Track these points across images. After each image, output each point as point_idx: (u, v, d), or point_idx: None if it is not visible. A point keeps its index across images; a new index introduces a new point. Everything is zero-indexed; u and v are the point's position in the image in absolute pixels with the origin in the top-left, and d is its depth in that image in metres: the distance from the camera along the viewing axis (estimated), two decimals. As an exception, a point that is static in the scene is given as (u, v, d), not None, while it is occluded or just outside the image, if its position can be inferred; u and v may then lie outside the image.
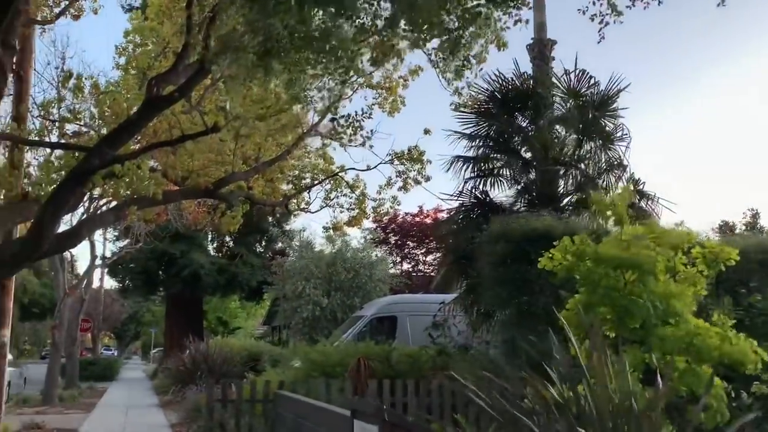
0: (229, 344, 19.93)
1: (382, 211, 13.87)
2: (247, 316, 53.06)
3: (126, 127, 7.89)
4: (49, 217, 7.79)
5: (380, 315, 15.07)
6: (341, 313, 19.68)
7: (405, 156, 13.00)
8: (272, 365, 18.44)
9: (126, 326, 65.96)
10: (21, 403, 16.53)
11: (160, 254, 28.47)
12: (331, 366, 9.42)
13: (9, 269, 7.96)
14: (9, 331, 11.55)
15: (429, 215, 28.55)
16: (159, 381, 21.99)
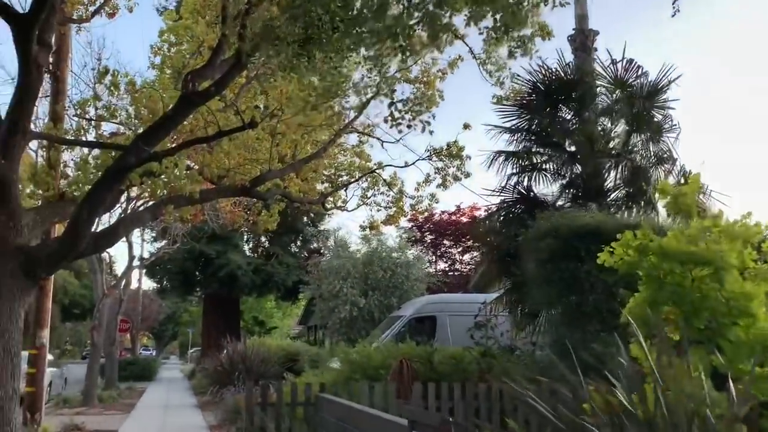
0: (266, 344, 19.82)
1: (420, 209, 13.54)
2: (282, 315, 53.18)
3: (162, 123, 7.72)
4: (85, 216, 7.66)
5: (419, 315, 14.74)
6: (378, 313, 19.39)
7: (444, 152, 12.67)
8: (311, 366, 18.30)
9: (164, 326, 66.75)
10: (61, 403, 16.59)
11: (197, 255, 28.56)
12: (373, 368, 9.13)
13: (46, 269, 7.83)
14: (48, 331, 11.55)
15: (466, 213, 28.10)
16: (197, 381, 22.00)
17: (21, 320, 7.94)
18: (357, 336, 19.51)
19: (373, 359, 9.25)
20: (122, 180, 7.73)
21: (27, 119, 8.08)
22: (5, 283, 7.76)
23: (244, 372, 16.57)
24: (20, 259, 7.83)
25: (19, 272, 7.85)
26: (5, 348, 7.74)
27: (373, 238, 20.99)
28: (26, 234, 8.15)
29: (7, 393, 7.69)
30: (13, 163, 8.04)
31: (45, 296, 11.57)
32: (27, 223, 8.15)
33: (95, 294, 18.28)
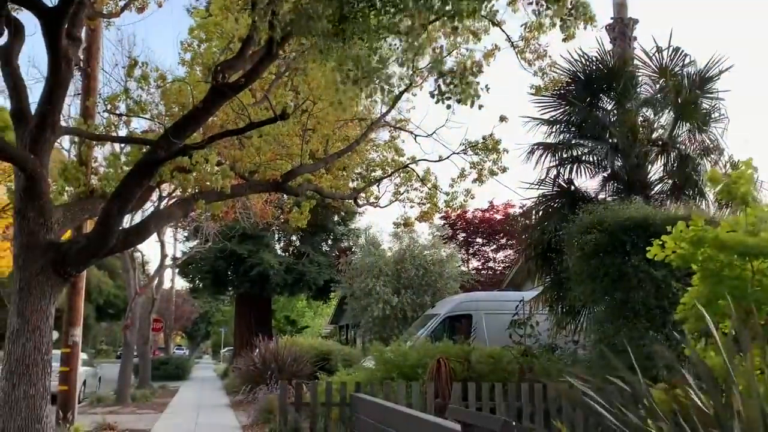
0: (298, 343, 19.63)
1: (454, 205, 13.17)
2: (314, 315, 53.15)
3: (192, 116, 7.53)
4: (115, 211, 7.50)
5: (454, 313, 14.39)
6: (411, 311, 19.08)
7: (479, 146, 12.32)
8: (344, 365, 18.06)
9: (197, 326, 67.32)
10: (95, 402, 16.62)
11: (229, 254, 28.55)
12: (409, 367, 8.84)
13: (76, 266, 7.69)
14: (80, 330, 11.48)
15: (499, 210, 27.66)
16: (229, 381, 21.93)
17: (52, 318, 7.82)
18: (389, 334, 19.23)
19: (409, 358, 8.95)
20: (152, 174, 7.56)
21: (56, 114, 7.97)
22: (35, 280, 7.64)
23: (276, 371, 16.40)
24: (50, 255, 7.72)
25: (50, 269, 7.73)
26: (36, 346, 7.62)
27: (405, 236, 20.70)
28: (56, 230, 8.03)
29: (38, 391, 7.57)
30: (43, 159, 7.93)
31: (77, 294, 11.51)
32: (57, 220, 8.03)
33: (128, 293, 18.27)
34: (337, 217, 32.01)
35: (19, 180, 7.88)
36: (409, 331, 15.80)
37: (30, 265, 7.62)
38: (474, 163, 12.58)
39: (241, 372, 17.92)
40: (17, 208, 7.80)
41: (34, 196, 7.65)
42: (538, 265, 10.99)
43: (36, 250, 7.66)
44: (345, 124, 12.29)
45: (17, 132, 8.16)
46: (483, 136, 12.29)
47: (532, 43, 9.79)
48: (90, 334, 72.51)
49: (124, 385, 16.91)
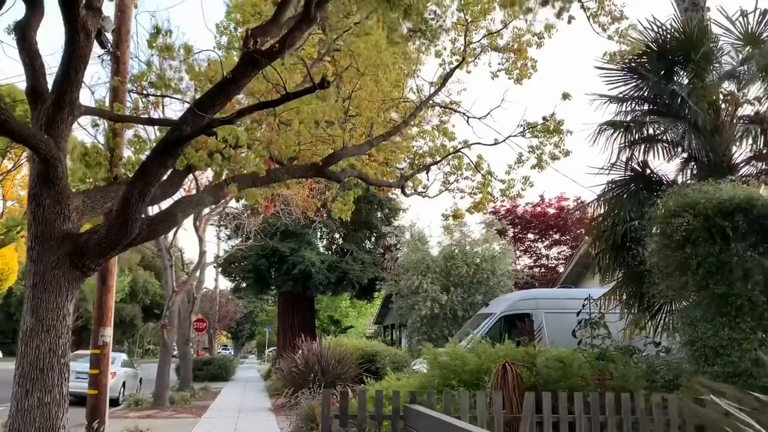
0: (342, 344, 18.73)
1: (511, 193, 12.06)
2: (357, 314, 52.38)
3: (220, 88, 6.66)
4: (136, 196, 6.67)
5: (511, 312, 13.26)
6: (461, 310, 18.00)
7: (539, 127, 11.21)
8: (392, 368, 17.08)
9: (241, 326, 67.26)
10: (133, 405, 15.97)
11: (271, 252, 27.88)
12: (468, 372, 7.79)
13: (95, 259, 6.89)
14: (111, 330, 10.76)
15: (551, 204, 26.28)
16: (272, 382, 21.17)
17: (69, 317, 7.05)
18: (438, 335, 18.20)
19: (469, 362, 7.90)
20: (177, 154, 6.71)
21: (75, 92, 7.18)
22: (51, 274, 6.87)
23: (319, 373, 15.52)
24: (67, 247, 6.94)
25: (66, 262, 6.96)
26: (52, 348, 6.85)
27: (454, 230, 19.61)
28: (74, 220, 7.25)
29: (54, 398, 6.80)
30: (60, 140, 7.16)
31: (107, 292, 10.78)
32: (76, 207, 7.25)
33: (165, 291, 17.60)
34: (380, 213, 31.08)
35: (34, 164, 7.14)
36: (461, 332, 14.74)
37: (45, 258, 6.88)
38: (533, 147, 11.51)
39: (284, 374, 17.09)
40: (32, 194, 7.06)
41: (50, 182, 6.89)
42: (609, 259, 9.81)
43: (51, 241, 6.91)
44: (388, 108, 11.33)
45: (33, 114, 7.44)
46: (543, 116, 11.21)
47: (607, 4, 8.70)
48: (136, 334, 73.42)
49: (162, 388, 16.19)
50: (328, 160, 8.67)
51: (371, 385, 10.12)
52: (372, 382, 10.57)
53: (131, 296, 62.01)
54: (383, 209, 30.90)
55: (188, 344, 21.51)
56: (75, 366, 15.97)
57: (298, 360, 16.51)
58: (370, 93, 9.85)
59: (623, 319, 9.55)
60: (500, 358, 7.94)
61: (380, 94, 9.95)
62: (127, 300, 61.12)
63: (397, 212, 31.52)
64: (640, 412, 6.22)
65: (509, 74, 11.67)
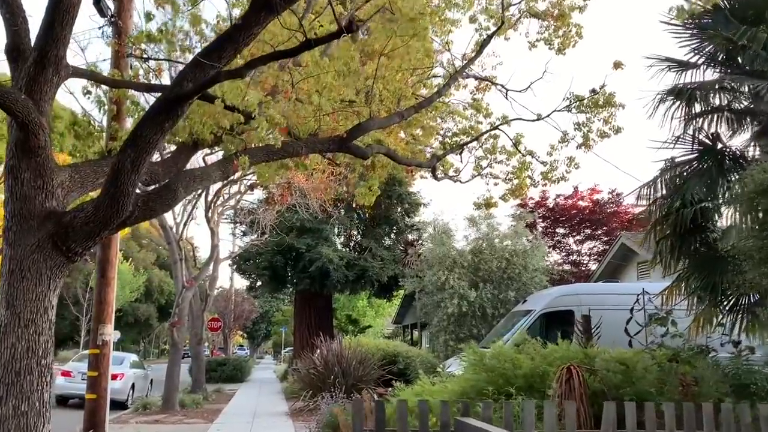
0: (363, 344, 17.59)
1: (553, 177, 10.84)
2: (375, 314, 51.22)
3: (230, 35, 5.58)
4: (128, 165, 5.59)
5: (551, 309, 12.06)
6: (492, 308, 16.78)
7: (587, 101, 10.00)
8: (424, 370, 15.93)
9: (257, 325, 66.46)
10: (141, 409, 14.90)
11: (286, 249, 26.78)
12: (522, 377, 6.62)
13: (82, 241, 5.83)
14: (112, 327, 9.71)
15: (583, 197, 24.90)
16: (289, 384, 20.06)
17: (52, 310, 5.99)
18: (467, 334, 17.00)
19: (522, 365, 6.74)
20: (176, 115, 5.62)
21: (60, 49, 6.12)
22: (30, 259, 5.81)
23: (340, 375, 14.40)
24: (49, 227, 5.89)
25: (48, 245, 5.90)
26: (30, 347, 5.81)
27: (481, 222, 18.38)
28: (59, 196, 6.19)
29: (33, 406, 5.76)
30: (43, 104, 6.09)
31: (107, 285, 9.73)
32: (61, 183, 6.18)
33: (176, 286, 16.53)
34: (400, 208, 29.88)
35: (11, 131, 6.09)
36: (495, 331, 13.55)
37: (23, 240, 5.84)
38: (579, 123, 10.30)
39: (301, 376, 15.98)
40: (8, 167, 6.00)
41: (30, 152, 5.84)
42: (672, 247, 8.59)
43: (31, 221, 5.87)
44: (417, 83, 10.19)
45: (13, 75, 6.40)
46: (593, 88, 10.00)
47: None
48: (152, 334, 72.75)
49: (172, 390, 15.07)
50: (353, 132, 7.54)
51: (400, 390, 8.97)
52: (401, 386, 9.44)
53: (146, 296, 61.30)
54: (403, 204, 29.70)
55: (201, 344, 20.45)
56: (81, 367, 15.03)
57: (317, 361, 15.40)
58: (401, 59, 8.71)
59: (689, 314, 8.33)
60: (557, 360, 6.78)
61: (411, 60, 8.81)
62: (142, 300, 60.39)
63: (417, 207, 30.32)
64: (745, 427, 5.02)
65: (549, 44, 10.47)
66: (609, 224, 24.32)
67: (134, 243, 63.18)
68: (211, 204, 18.29)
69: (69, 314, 51.12)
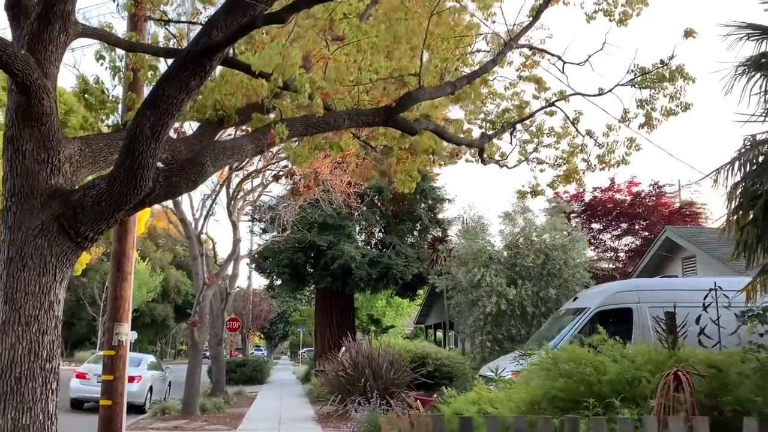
0: (390, 344, 16.60)
1: (611, 160, 9.86)
2: (395, 314, 50.25)
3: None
4: (147, 131, 4.70)
5: (608, 307, 11.03)
6: (531, 306, 15.76)
7: (652, 74, 9.01)
8: (446, 375, 15.03)
9: (274, 326, 65.75)
10: (159, 413, 14.02)
11: (307, 246, 25.89)
12: (608, 383, 5.64)
13: (93, 224, 4.95)
14: (128, 326, 8.82)
15: (622, 190, 23.73)
16: (313, 387, 19.14)
17: (59, 305, 5.16)
18: (504, 335, 16.03)
19: (608, 370, 5.75)
20: (204, 71, 4.71)
21: (68, 4, 5.25)
22: (33, 245, 4.94)
23: (371, 378, 13.47)
24: (55, 208, 5.01)
25: (54, 228, 5.02)
26: (32, 348, 4.97)
27: (518, 216, 17.37)
28: (68, 172, 5.31)
29: (35, 419, 4.93)
30: (48, 65, 5.20)
31: (123, 280, 8.85)
32: (69, 156, 5.28)
33: (195, 284, 15.64)
34: (424, 204, 28.91)
35: (11, 95, 5.21)
36: (542, 331, 12.56)
37: (24, 223, 4.98)
38: (642, 101, 9.30)
39: (329, 378, 15.05)
40: (8, 137, 5.13)
41: (33, 119, 4.97)
42: (759, 234, 7.53)
43: (34, 200, 5.01)
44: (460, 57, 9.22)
45: (14, 35, 5.54)
46: (660, 59, 9.00)
47: None
48: (168, 335, 72.30)
49: (192, 394, 14.17)
50: (402, 101, 6.61)
51: (450, 397, 8.01)
52: (451, 392, 8.46)
53: (163, 296, 60.81)
54: (427, 199, 28.75)
55: (221, 344, 19.59)
56: (96, 368, 14.20)
57: (346, 362, 14.46)
58: (446, 28, 7.77)
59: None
60: (647, 363, 5.79)
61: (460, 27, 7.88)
62: (159, 300, 59.91)
63: (442, 203, 29.35)
64: None
65: (609, 15, 9.48)
66: (650, 218, 23.17)
67: (151, 243, 62.76)
68: (233, 196, 17.43)
69: (86, 314, 50.74)
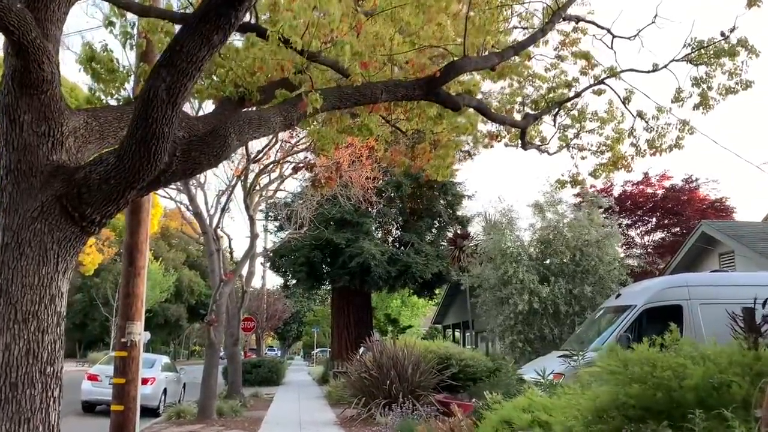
0: (414, 345, 15.85)
1: (662, 145, 9.13)
2: (411, 314, 49.47)
3: None
4: (163, 95, 4.02)
5: (657, 304, 10.25)
6: (565, 305, 14.96)
7: (710, 48, 8.25)
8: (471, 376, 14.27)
9: (288, 326, 65.19)
10: (174, 417, 13.36)
11: (325, 244, 25.19)
12: (691, 390, 4.87)
13: (100, 204, 4.32)
14: (141, 325, 8.16)
15: (654, 185, 22.79)
16: (332, 389, 18.43)
17: (62, 300, 4.50)
18: (536, 335, 15.27)
19: (690, 373, 5.01)
20: (228, 24, 4.00)
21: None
22: (31, 229, 4.31)
23: (397, 380, 12.75)
24: (57, 186, 4.39)
25: (55, 210, 4.40)
26: (31, 349, 4.38)
27: (548, 209, 16.58)
28: (72, 148, 4.67)
29: (35, 431, 4.25)
30: (48, 26, 4.56)
31: (136, 275, 8.20)
32: (74, 130, 4.64)
33: (211, 281, 14.96)
34: (443, 200, 28.15)
35: (7, 58, 4.54)
36: (583, 331, 11.79)
37: (21, 204, 4.36)
38: (698, 78, 8.54)
39: (351, 380, 14.34)
40: (2, 105, 4.47)
41: (31, 86, 4.32)
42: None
43: (32, 178, 4.39)
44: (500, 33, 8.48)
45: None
46: (721, 31, 8.23)
47: None
48: (182, 335, 71.82)
49: (209, 396, 13.49)
50: (446, 72, 5.88)
51: (495, 403, 7.27)
52: (496, 397, 7.71)
53: (176, 296, 60.38)
54: (446, 195, 27.98)
55: (237, 345, 18.91)
56: (108, 370, 13.57)
57: (369, 363, 13.74)
58: None
59: None
60: (731, 366, 5.03)
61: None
62: (173, 300, 59.47)
63: (460, 199, 28.56)
64: None
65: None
66: (684, 212, 22.27)
67: (164, 243, 62.36)
68: (250, 190, 16.75)
69: (99, 315, 50.31)
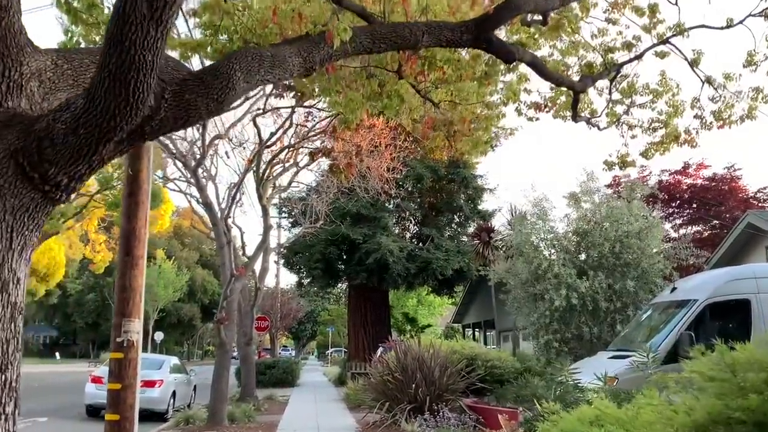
0: (438, 345, 14.78)
1: (731, 116, 8.05)
2: (428, 313, 48.36)
3: None
4: (144, 10, 2.97)
5: (722, 298, 9.15)
6: (605, 301, 13.82)
7: (794, 1, 7.13)
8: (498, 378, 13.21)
9: (302, 326, 64.30)
10: (183, 423, 12.37)
11: (341, 239, 24.15)
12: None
13: (67, 162, 3.33)
14: (140, 323, 7.14)
15: (691, 175, 21.53)
16: (351, 392, 17.38)
17: (19, 286, 3.50)
18: (574, 334, 14.14)
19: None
20: None
21: None
22: (-19, 194, 3.28)
23: (423, 384, 11.69)
24: (12, 140, 3.37)
25: (9, 171, 3.38)
26: (-18, 350, 3.26)
27: (584, 199, 15.44)
28: (34, 93, 3.63)
29: None
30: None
31: (134, 266, 7.20)
32: (38, 72, 3.58)
33: (222, 276, 13.93)
34: (464, 194, 27.03)
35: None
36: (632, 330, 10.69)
37: (-31, 164, 3.31)
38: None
39: (373, 383, 13.28)
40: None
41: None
42: None
43: (-19, 129, 3.35)
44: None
45: None
46: (808, -21, 7.11)
47: None
48: (195, 335, 71.11)
49: (219, 400, 12.44)
50: (499, 12, 4.80)
51: (551, 412, 6.19)
52: (553, 406, 6.65)
53: (189, 295, 59.70)
54: (468, 189, 26.86)
55: (251, 344, 17.91)
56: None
57: (392, 365, 12.69)
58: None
59: None
60: None
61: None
62: (186, 299, 58.80)
63: (482, 192, 27.43)
64: None
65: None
66: (726, 203, 21.02)
67: (177, 242, 61.71)
68: (263, 177, 15.74)
69: (111, 315, 49.64)
